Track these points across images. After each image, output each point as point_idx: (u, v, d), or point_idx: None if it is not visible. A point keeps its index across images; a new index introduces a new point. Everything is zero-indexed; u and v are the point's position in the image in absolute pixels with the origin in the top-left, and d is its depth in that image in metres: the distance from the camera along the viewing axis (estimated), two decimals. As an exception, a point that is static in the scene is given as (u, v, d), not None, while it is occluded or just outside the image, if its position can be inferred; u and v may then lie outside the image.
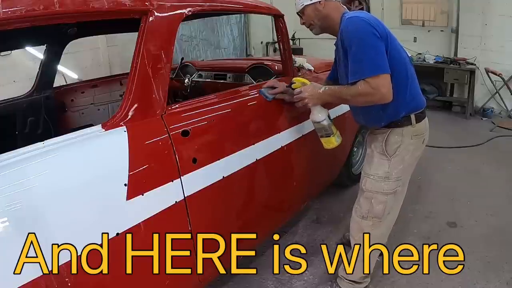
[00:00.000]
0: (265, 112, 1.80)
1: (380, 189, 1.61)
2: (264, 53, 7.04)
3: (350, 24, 1.46)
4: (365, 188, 1.65)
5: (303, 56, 3.03)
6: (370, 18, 1.45)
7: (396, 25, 5.91)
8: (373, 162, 1.62)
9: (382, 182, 1.60)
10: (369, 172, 1.63)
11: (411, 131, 1.56)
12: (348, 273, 1.79)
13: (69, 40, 2.31)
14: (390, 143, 1.58)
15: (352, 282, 1.82)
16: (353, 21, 1.45)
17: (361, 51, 1.41)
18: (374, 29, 1.40)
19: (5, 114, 2.18)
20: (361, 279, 1.81)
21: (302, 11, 1.64)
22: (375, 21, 1.45)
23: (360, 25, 1.42)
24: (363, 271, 1.76)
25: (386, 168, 1.58)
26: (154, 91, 1.27)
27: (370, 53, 1.40)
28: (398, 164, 1.58)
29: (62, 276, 0.98)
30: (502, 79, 4.80)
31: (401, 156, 1.58)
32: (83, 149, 1.10)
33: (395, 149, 1.57)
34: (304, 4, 1.61)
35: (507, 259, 2.08)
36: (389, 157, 1.58)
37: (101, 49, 4.49)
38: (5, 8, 0.94)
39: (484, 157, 3.66)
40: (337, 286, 1.87)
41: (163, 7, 1.31)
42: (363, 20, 1.43)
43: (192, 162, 1.35)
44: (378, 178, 1.60)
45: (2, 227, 0.89)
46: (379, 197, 1.62)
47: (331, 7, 1.60)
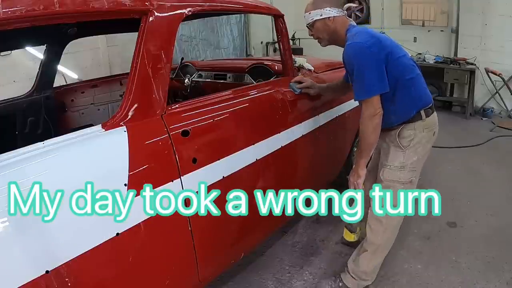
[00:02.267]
0: (265, 112, 1.80)
1: (397, 178, 1.71)
2: (264, 53, 7.04)
3: (349, 50, 1.62)
4: (383, 177, 1.75)
5: (303, 56, 3.03)
6: (367, 40, 1.57)
7: (396, 25, 5.92)
8: (389, 154, 1.73)
9: (398, 172, 1.70)
10: (386, 163, 1.74)
11: (422, 125, 1.67)
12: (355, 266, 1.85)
13: (69, 40, 2.31)
14: (404, 137, 1.69)
15: (355, 277, 1.85)
16: (351, 47, 1.60)
17: (360, 74, 1.58)
18: (370, 52, 1.54)
19: (5, 114, 2.18)
20: (365, 275, 1.84)
21: (312, 24, 1.75)
22: (372, 40, 1.57)
23: (358, 50, 1.57)
24: (372, 266, 1.83)
25: (402, 159, 1.70)
26: (154, 91, 1.27)
27: (367, 76, 1.57)
28: (412, 156, 1.69)
29: (62, 276, 0.98)
30: (502, 79, 4.80)
31: (415, 148, 1.69)
32: (83, 149, 1.10)
33: (408, 142, 1.68)
34: (314, 19, 1.72)
35: (507, 259, 2.08)
36: (404, 148, 1.69)
37: (101, 49, 4.49)
38: (5, 8, 0.94)
39: (484, 157, 3.66)
40: (340, 281, 1.89)
41: (163, 7, 1.31)
42: (360, 45, 1.56)
43: (192, 162, 1.35)
44: (394, 167, 1.71)
45: (2, 227, 0.89)
46: (396, 185, 1.72)
47: (339, 22, 1.72)
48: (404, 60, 1.66)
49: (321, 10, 1.70)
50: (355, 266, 1.85)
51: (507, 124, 4.62)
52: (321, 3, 1.71)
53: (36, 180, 0.95)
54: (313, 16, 1.72)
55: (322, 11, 1.70)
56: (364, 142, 1.66)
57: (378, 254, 1.81)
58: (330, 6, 1.70)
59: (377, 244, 1.78)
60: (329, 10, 1.69)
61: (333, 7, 1.70)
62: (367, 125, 1.62)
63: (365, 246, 1.81)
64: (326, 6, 1.70)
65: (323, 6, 1.70)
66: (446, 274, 1.99)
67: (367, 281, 1.86)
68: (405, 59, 1.67)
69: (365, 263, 1.81)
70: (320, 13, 1.70)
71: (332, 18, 1.70)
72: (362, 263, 1.82)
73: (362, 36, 1.60)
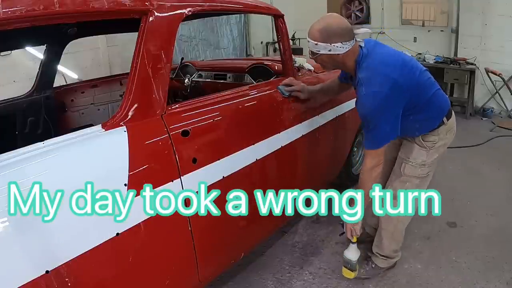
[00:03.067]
0: (265, 112, 1.80)
1: (416, 173, 1.76)
2: (264, 53, 7.04)
3: (365, 100, 1.50)
4: (404, 172, 1.78)
5: (303, 56, 3.03)
6: (383, 84, 1.45)
7: (396, 25, 5.91)
8: (412, 151, 1.75)
9: (419, 168, 1.75)
10: (408, 159, 1.76)
11: (445, 128, 1.71)
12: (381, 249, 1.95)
13: (69, 40, 2.31)
14: (428, 141, 1.72)
15: (385, 257, 1.96)
16: (368, 97, 1.48)
17: (374, 125, 1.53)
18: (386, 103, 1.46)
19: (5, 114, 2.17)
20: (393, 252, 1.96)
21: (316, 55, 1.55)
22: (389, 83, 1.45)
23: (376, 102, 1.47)
24: (396, 244, 1.94)
25: (424, 158, 1.73)
26: (154, 91, 1.27)
27: (382, 128, 1.53)
28: (434, 154, 1.74)
29: (62, 276, 0.98)
30: (502, 79, 4.80)
31: (437, 148, 1.73)
32: (83, 149, 1.10)
33: (433, 144, 1.72)
34: (321, 52, 1.52)
35: (507, 259, 2.08)
36: (428, 149, 1.73)
37: (101, 49, 4.49)
38: (5, 8, 0.94)
39: (484, 157, 3.66)
40: (372, 263, 1.99)
41: (163, 7, 1.31)
42: (377, 94, 1.46)
43: (192, 162, 1.35)
44: (416, 164, 1.75)
45: (2, 227, 0.89)
46: (413, 180, 1.78)
47: (348, 55, 1.53)
48: (421, 79, 1.60)
49: (330, 45, 1.47)
50: (380, 250, 1.95)
51: (507, 124, 4.62)
52: (331, 36, 1.47)
53: (36, 180, 0.95)
54: (319, 48, 1.50)
55: (330, 46, 1.48)
56: (364, 191, 1.66)
57: (396, 237, 1.91)
58: (341, 41, 1.47)
59: (391, 229, 1.88)
60: (339, 47, 1.47)
61: (345, 42, 1.47)
62: (369, 175, 1.63)
63: (382, 234, 1.91)
64: (337, 42, 1.47)
65: (333, 41, 1.47)
66: (446, 274, 1.99)
67: (396, 257, 1.99)
68: (422, 78, 1.61)
69: (388, 245, 1.91)
70: (329, 49, 1.48)
71: (342, 55, 1.50)
72: (386, 247, 1.92)
73: (377, 77, 1.47)
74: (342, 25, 1.49)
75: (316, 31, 1.49)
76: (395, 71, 1.49)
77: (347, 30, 1.49)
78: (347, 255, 1.85)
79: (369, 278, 1.96)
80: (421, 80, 1.60)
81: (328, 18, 1.52)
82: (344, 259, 1.87)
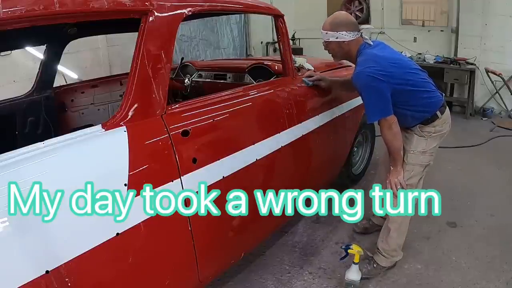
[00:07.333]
0: (265, 112, 1.80)
1: (419, 161, 1.90)
2: (264, 53, 7.03)
3: (357, 79, 1.76)
4: (407, 161, 1.91)
5: (303, 56, 3.03)
6: (374, 69, 1.68)
7: (396, 25, 5.91)
8: (413, 141, 1.91)
9: (421, 156, 1.89)
10: (409, 149, 1.91)
11: (440, 121, 1.87)
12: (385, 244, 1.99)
13: (69, 40, 2.31)
14: (425, 131, 1.88)
15: (388, 255, 1.98)
16: (358, 77, 1.74)
17: (366, 99, 1.77)
18: (375, 79, 1.68)
19: (5, 114, 2.17)
20: (397, 248, 2.00)
21: (327, 43, 1.85)
22: (379, 67, 1.69)
23: (364, 80, 1.71)
24: (401, 242, 2.00)
25: (424, 145, 1.89)
26: (154, 91, 1.27)
27: (373, 101, 1.75)
28: (433, 143, 1.89)
29: (62, 276, 0.98)
30: (502, 79, 4.80)
31: (435, 137, 1.89)
32: (83, 149, 1.10)
33: (429, 133, 1.88)
34: (329, 39, 1.82)
35: (507, 259, 2.08)
36: (426, 137, 1.88)
37: (101, 49, 4.48)
38: (5, 8, 0.94)
39: (484, 157, 3.66)
40: (374, 262, 2.00)
41: (163, 7, 1.31)
42: (366, 75, 1.70)
43: (192, 162, 1.35)
44: (417, 152, 1.89)
45: (2, 227, 0.89)
46: (417, 168, 1.90)
47: (353, 45, 1.82)
48: (414, 78, 1.78)
49: (337, 33, 1.78)
50: (385, 245, 1.97)
51: (507, 124, 4.62)
52: (338, 26, 1.78)
53: (36, 180, 0.95)
54: (329, 37, 1.81)
55: (337, 34, 1.78)
56: (392, 149, 1.82)
57: (403, 228, 1.96)
58: (346, 30, 1.78)
59: (399, 221, 1.93)
60: (345, 34, 1.77)
61: (349, 31, 1.78)
62: (388, 134, 1.78)
63: (390, 226, 1.95)
64: (343, 30, 1.77)
65: (339, 29, 1.78)
66: (446, 274, 1.99)
67: (398, 256, 2.02)
68: (415, 77, 1.79)
69: (394, 241, 1.95)
70: (336, 36, 1.78)
71: (347, 42, 1.79)
72: (392, 242, 1.95)
73: (369, 61, 1.71)
74: (348, 18, 1.85)
75: (327, 23, 1.82)
76: (386, 60, 1.74)
77: (352, 22, 1.82)
78: (349, 276, 1.85)
79: (369, 278, 1.96)
80: (414, 78, 1.80)
81: (337, 13, 1.89)
82: (345, 280, 1.86)
